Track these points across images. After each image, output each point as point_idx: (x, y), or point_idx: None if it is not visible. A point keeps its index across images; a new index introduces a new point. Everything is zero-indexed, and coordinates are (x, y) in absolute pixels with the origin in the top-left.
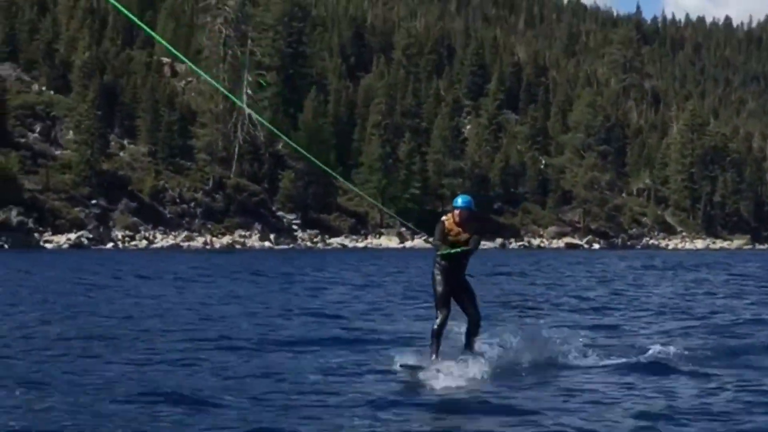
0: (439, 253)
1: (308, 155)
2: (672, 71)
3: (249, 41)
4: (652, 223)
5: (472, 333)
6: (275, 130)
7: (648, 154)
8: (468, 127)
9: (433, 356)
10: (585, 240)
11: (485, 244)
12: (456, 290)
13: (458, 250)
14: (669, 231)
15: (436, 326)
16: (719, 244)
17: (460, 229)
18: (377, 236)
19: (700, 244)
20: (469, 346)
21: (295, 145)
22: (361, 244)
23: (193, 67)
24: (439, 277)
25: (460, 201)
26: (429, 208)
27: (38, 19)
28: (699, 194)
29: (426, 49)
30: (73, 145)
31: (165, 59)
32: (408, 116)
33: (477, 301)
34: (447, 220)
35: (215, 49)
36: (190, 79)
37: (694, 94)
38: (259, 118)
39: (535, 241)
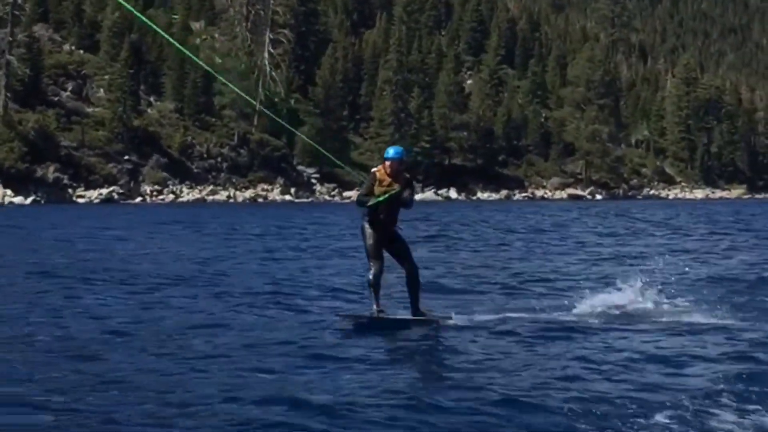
0: (370, 204)
1: (302, 135)
2: (653, 24)
3: (271, 1)
4: (651, 173)
5: (412, 286)
6: (285, 124)
7: (642, 107)
8: (469, 82)
9: (374, 306)
10: (588, 191)
11: (491, 195)
12: (388, 242)
13: (388, 195)
14: (668, 181)
15: (371, 277)
16: (718, 193)
17: (391, 180)
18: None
19: (699, 193)
20: (413, 303)
21: (298, 133)
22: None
23: (211, 70)
24: (369, 229)
25: (392, 152)
26: (437, 161)
27: None
28: (696, 145)
29: (427, 5)
30: (105, 102)
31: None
32: (414, 72)
33: (410, 252)
34: (378, 171)
35: (239, 9)
36: (205, 36)
37: (681, 47)
38: (265, 111)
39: (539, 193)
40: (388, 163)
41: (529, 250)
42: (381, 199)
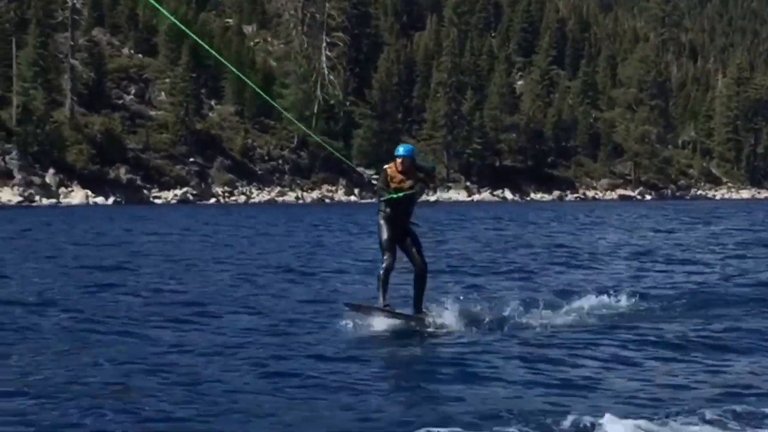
0: (382, 199)
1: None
2: (701, 24)
3: (326, 4)
4: (698, 174)
5: (417, 283)
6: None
7: (692, 108)
8: (519, 83)
9: (380, 300)
10: (637, 191)
11: (543, 197)
12: (401, 238)
13: (401, 195)
14: (715, 182)
15: (381, 271)
16: (764, 194)
17: (403, 177)
18: (446, 190)
19: (745, 194)
20: (416, 300)
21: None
22: (432, 198)
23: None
24: (384, 225)
25: (401, 150)
26: (488, 162)
27: None
28: (742, 146)
29: (477, 7)
30: (167, 106)
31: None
32: (466, 74)
33: (422, 249)
34: (389, 168)
35: (294, 13)
36: (258, 40)
37: (730, 46)
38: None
39: (590, 193)
40: (399, 160)
41: None
42: (395, 195)
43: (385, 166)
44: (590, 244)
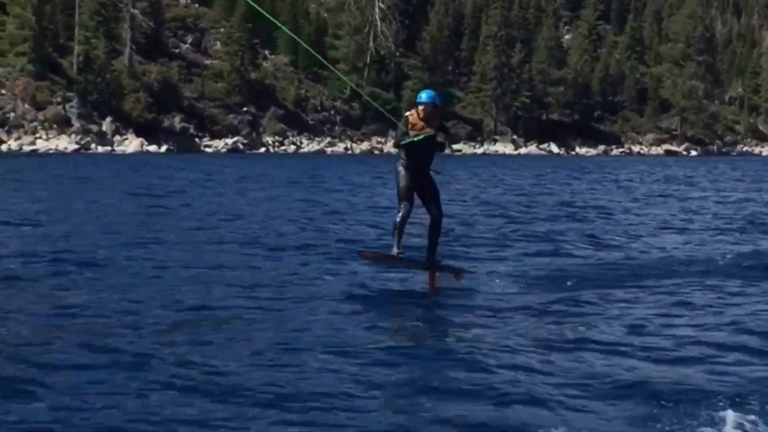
0: (403, 143)
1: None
2: None
3: None
4: (745, 130)
5: (433, 232)
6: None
7: (738, 64)
8: (566, 37)
9: (395, 248)
10: (683, 147)
11: (588, 151)
12: (420, 186)
13: (421, 137)
14: (761, 138)
15: (398, 219)
16: None
17: (424, 124)
18: (492, 143)
19: None
20: (430, 249)
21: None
22: (479, 151)
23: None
24: (403, 172)
25: (424, 96)
26: (535, 116)
27: None
28: None
29: None
30: (223, 55)
31: None
32: (514, 27)
33: (439, 198)
34: (411, 115)
35: None
36: None
37: None
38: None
39: (635, 148)
40: (421, 107)
41: None
42: (415, 139)
43: (407, 113)
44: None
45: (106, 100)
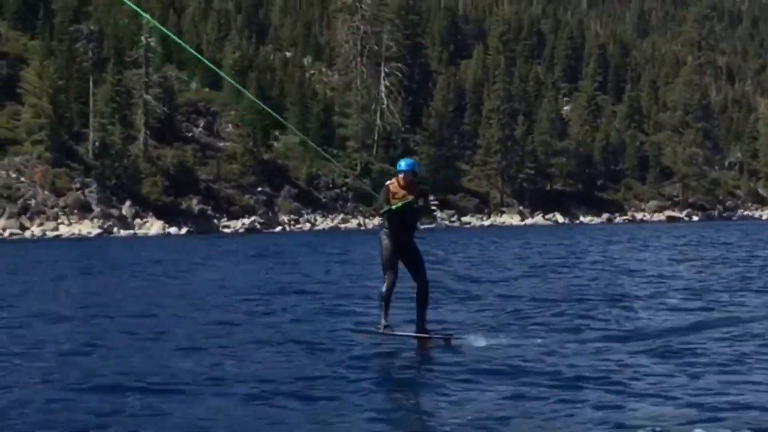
0: (383, 210)
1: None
2: (734, 46)
3: (384, 36)
4: (745, 195)
5: (421, 302)
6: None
7: (735, 129)
8: (565, 108)
9: (383, 320)
10: (684, 213)
11: (592, 220)
12: (404, 253)
13: (400, 204)
14: (762, 202)
15: (384, 289)
16: None
17: (405, 192)
18: (500, 214)
19: None
20: (420, 319)
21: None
22: (486, 222)
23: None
24: (386, 241)
25: (403, 164)
26: (539, 186)
27: (178, 21)
28: None
29: (521, 35)
30: (235, 137)
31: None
32: (515, 100)
33: (424, 266)
34: (391, 184)
35: (354, 45)
36: (314, 71)
37: (764, 67)
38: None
39: (639, 215)
40: (401, 175)
41: None
42: (393, 207)
43: (387, 183)
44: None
45: (124, 184)
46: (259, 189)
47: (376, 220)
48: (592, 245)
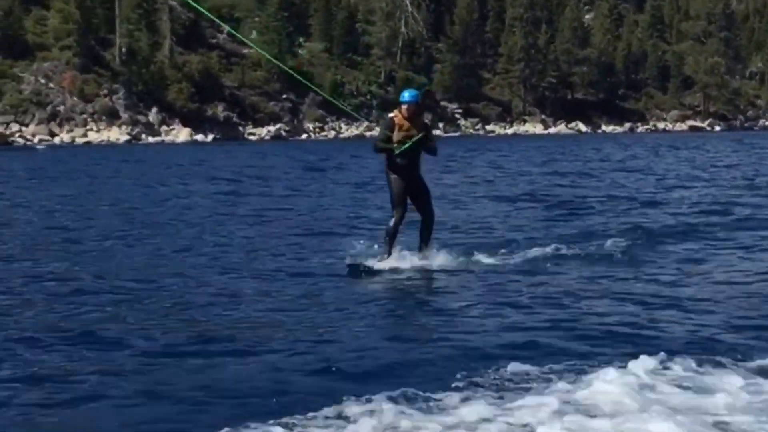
0: (396, 153)
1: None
2: None
3: None
4: (766, 105)
5: (424, 233)
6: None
7: (757, 39)
8: (587, 17)
9: (386, 255)
10: (706, 123)
11: (615, 129)
12: (412, 187)
13: (411, 142)
14: None
15: (391, 224)
16: None
17: (410, 124)
18: (522, 123)
19: None
20: (422, 247)
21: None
22: (509, 131)
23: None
24: (394, 176)
25: (407, 95)
26: (561, 95)
27: None
28: None
29: None
30: (260, 44)
31: None
32: (538, 8)
33: (431, 199)
34: (396, 116)
35: None
36: None
37: None
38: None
39: (660, 125)
40: (404, 106)
41: None
42: (406, 146)
43: (391, 114)
44: None
45: (151, 91)
46: (284, 96)
47: None
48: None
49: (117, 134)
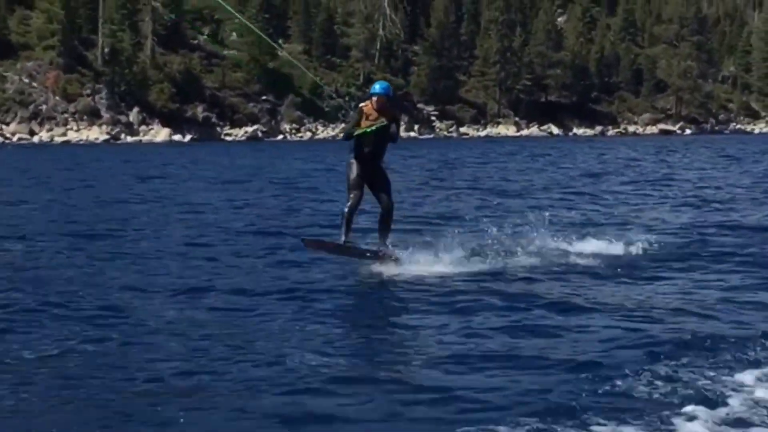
0: (357, 134)
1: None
2: None
3: None
4: (737, 108)
5: (383, 221)
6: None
7: (728, 43)
8: (559, 20)
9: (343, 237)
10: (677, 126)
11: (585, 132)
12: (371, 176)
13: (374, 128)
14: (754, 116)
15: (346, 209)
16: None
17: (378, 114)
18: (495, 125)
19: None
20: (381, 236)
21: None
22: (482, 133)
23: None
24: (355, 164)
25: (378, 87)
26: (534, 98)
27: None
28: None
29: None
30: (240, 45)
31: None
32: (512, 11)
33: (390, 188)
34: (365, 106)
35: None
36: None
37: None
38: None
39: (631, 128)
40: (375, 98)
41: None
42: (368, 130)
43: (361, 104)
44: None
45: (132, 91)
46: (264, 97)
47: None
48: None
49: (96, 133)
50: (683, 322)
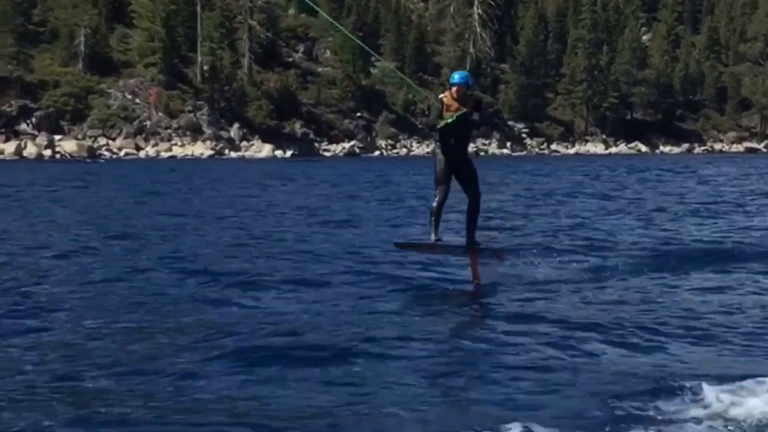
0: (439, 127)
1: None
2: None
3: None
4: None
5: (471, 215)
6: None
7: None
8: (644, 38)
9: (432, 235)
10: (763, 144)
11: (672, 149)
12: (456, 168)
13: (453, 118)
14: None
15: (434, 204)
16: None
17: (458, 105)
18: (584, 143)
19: None
20: (469, 232)
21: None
22: (571, 151)
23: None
24: (440, 156)
25: (456, 77)
26: (619, 116)
27: None
28: None
29: None
30: (334, 63)
31: None
32: (599, 29)
33: (477, 180)
34: (445, 96)
35: None
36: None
37: None
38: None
39: (717, 146)
40: (454, 88)
41: None
42: (450, 120)
43: (441, 95)
44: None
45: (232, 107)
46: (358, 114)
47: (470, 147)
48: None
49: (201, 149)
50: None
